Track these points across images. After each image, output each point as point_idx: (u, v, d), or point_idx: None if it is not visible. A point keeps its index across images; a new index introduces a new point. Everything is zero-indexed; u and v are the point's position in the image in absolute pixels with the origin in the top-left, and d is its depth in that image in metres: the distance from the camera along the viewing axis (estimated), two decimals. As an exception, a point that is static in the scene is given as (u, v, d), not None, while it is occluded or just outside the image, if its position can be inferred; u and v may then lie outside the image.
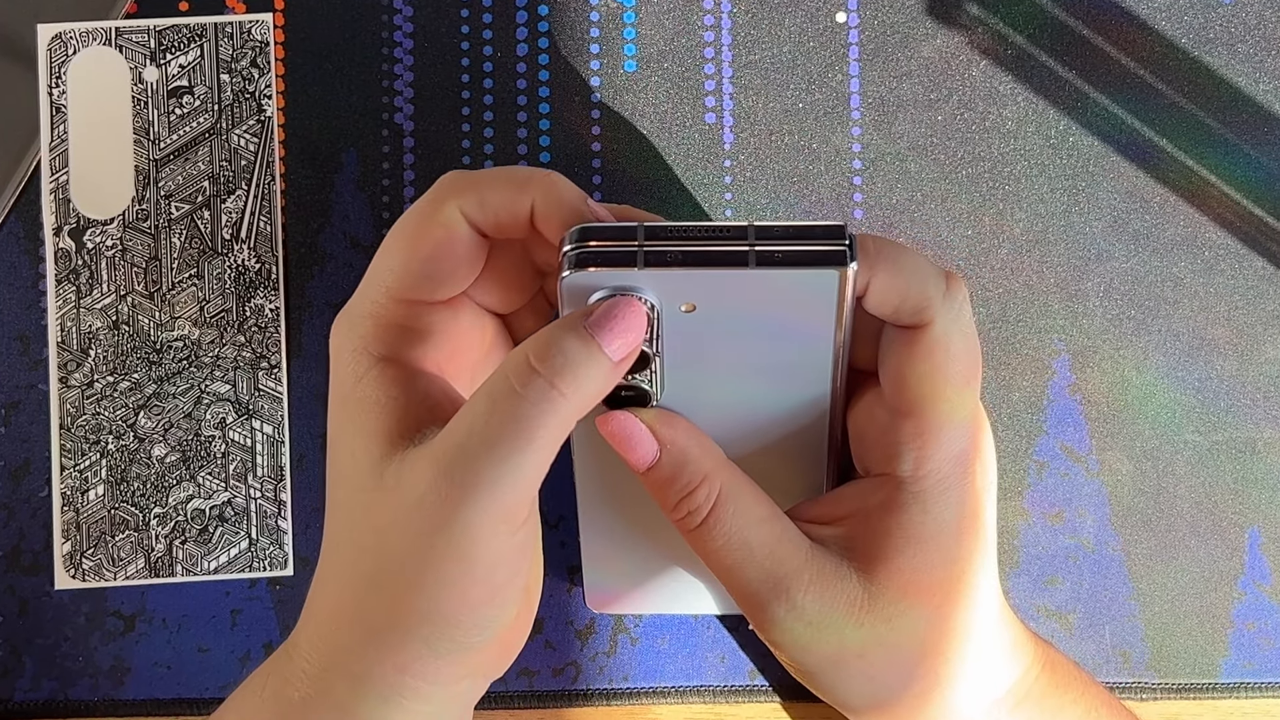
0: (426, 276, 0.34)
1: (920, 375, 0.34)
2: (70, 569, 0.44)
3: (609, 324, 0.31)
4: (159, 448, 0.44)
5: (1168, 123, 0.45)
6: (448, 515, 0.30)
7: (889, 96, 0.45)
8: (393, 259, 0.34)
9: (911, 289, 0.33)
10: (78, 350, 0.45)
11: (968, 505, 0.35)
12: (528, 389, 0.30)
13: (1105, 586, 0.44)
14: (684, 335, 0.34)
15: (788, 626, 0.35)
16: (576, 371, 0.31)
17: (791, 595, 0.35)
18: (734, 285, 0.32)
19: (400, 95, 0.45)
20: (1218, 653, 0.44)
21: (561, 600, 0.44)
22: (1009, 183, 0.45)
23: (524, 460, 0.30)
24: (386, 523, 0.31)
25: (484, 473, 0.30)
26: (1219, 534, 0.44)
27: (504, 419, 0.30)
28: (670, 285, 0.32)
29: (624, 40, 0.45)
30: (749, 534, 0.35)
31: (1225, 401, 0.45)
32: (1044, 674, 0.38)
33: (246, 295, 0.45)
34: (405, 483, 0.31)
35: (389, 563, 0.31)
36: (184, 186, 0.45)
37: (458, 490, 0.30)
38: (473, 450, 0.30)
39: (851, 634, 0.35)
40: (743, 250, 0.31)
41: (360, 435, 0.32)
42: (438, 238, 0.34)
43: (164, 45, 0.45)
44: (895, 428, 0.35)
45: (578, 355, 0.31)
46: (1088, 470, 0.44)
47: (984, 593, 0.36)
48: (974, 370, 0.35)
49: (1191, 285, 0.45)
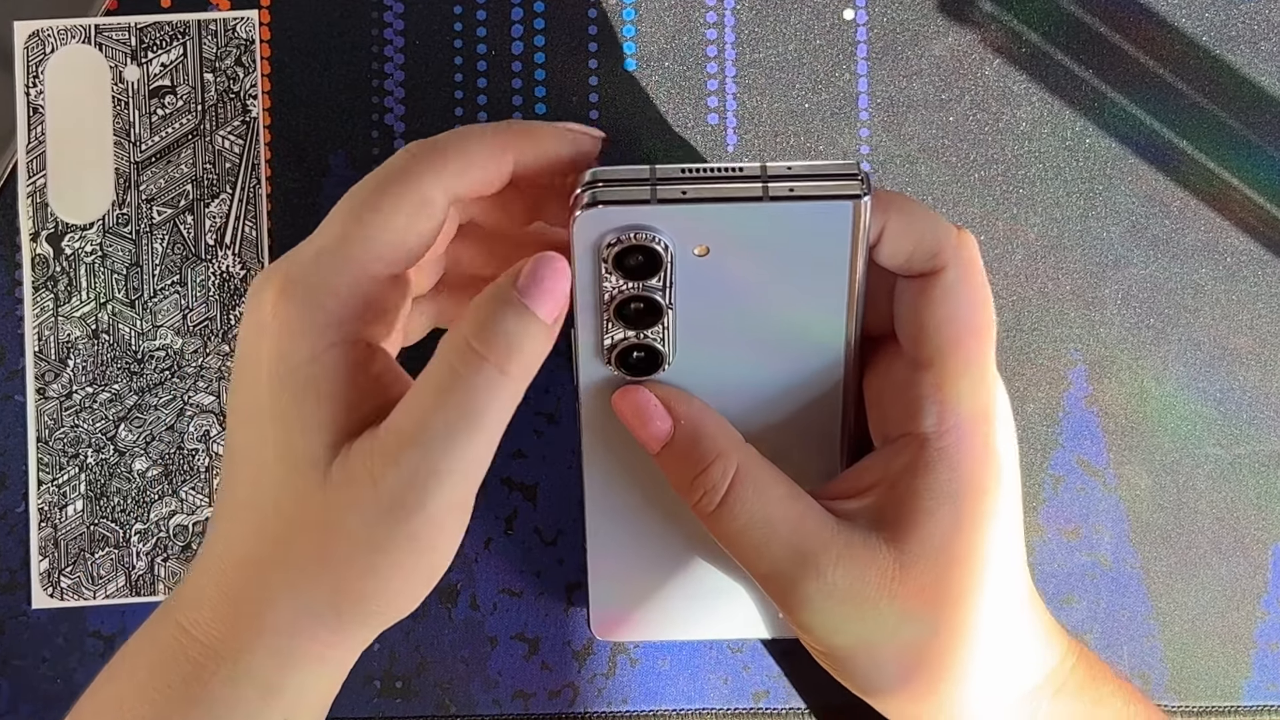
0: (403, 255, 0.33)
1: (938, 321, 0.34)
2: (48, 588, 0.43)
3: (539, 286, 0.31)
4: (140, 461, 0.44)
5: (1188, 124, 0.45)
6: (409, 509, 0.31)
7: (898, 96, 0.45)
8: (367, 231, 0.32)
9: (925, 234, 0.34)
10: (56, 360, 0.44)
11: (992, 463, 0.35)
12: (474, 376, 0.31)
13: (1123, 605, 0.44)
14: (697, 283, 0.34)
15: (819, 605, 0.35)
16: (520, 348, 0.31)
17: (821, 570, 0.34)
18: (748, 222, 0.32)
19: (391, 95, 0.45)
20: (1240, 674, 0.44)
21: (558, 620, 0.44)
22: (1023, 186, 0.44)
23: (477, 445, 0.31)
24: (336, 511, 0.31)
25: (440, 464, 0.30)
26: (1241, 551, 0.44)
27: (453, 409, 0.31)
28: (684, 224, 0.33)
29: (623, 38, 0.45)
30: (771, 511, 0.35)
31: (1248, 414, 0.44)
32: (1080, 663, 0.38)
33: (231, 303, 0.44)
34: (356, 474, 0.31)
35: (337, 548, 0.31)
36: (166, 190, 0.44)
37: (418, 485, 0.30)
38: (426, 443, 0.30)
39: (886, 608, 0.35)
40: (757, 187, 0.32)
41: (307, 422, 0.32)
42: (419, 215, 0.32)
43: (145, 43, 0.44)
44: (915, 382, 0.35)
45: (517, 331, 0.31)
46: (1105, 485, 0.44)
47: (1017, 565, 0.36)
48: (989, 320, 0.35)
49: (1213, 292, 0.44)
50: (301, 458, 0.31)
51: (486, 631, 0.44)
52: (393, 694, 0.43)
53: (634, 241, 0.33)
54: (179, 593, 0.34)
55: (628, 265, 0.33)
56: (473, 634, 0.43)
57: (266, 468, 0.32)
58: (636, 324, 0.34)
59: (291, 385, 0.32)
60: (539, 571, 0.44)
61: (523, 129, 0.34)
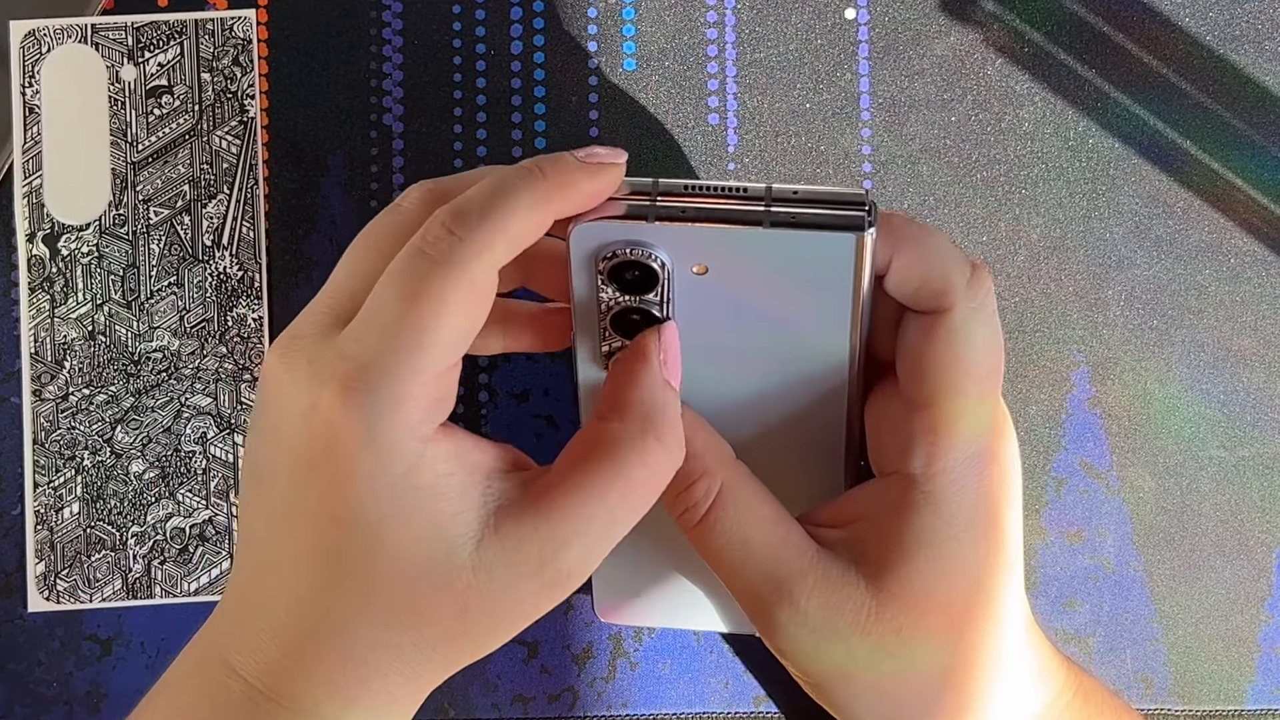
0: (463, 343, 0.31)
1: (938, 364, 0.33)
2: (44, 590, 0.43)
3: (674, 360, 0.33)
4: (137, 464, 0.43)
5: (1192, 124, 0.44)
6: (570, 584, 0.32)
7: (900, 96, 0.44)
8: (424, 335, 0.30)
9: (934, 270, 0.33)
10: (52, 362, 0.43)
11: (983, 510, 0.34)
12: (655, 468, 0.32)
13: (1126, 609, 0.43)
14: (695, 301, 0.33)
15: (791, 633, 0.34)
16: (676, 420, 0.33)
17: (795, 599, 0.34)
18: (747, 246, 0.32)
19: (389, 95, 0.44)
20: (1244, 678, 0.43)
21: (558, 622, 0.43)
22: (1026, 187, 0.44)
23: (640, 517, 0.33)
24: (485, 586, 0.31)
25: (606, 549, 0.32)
26: (1245, 554, 0.44)
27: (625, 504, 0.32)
28: (681, 242, 0.32)
29: (623, 37, 0.45)
30: (750, 533, 0.34)
31: (1252, 415, 0.44)
32: (1075, 700, 0.37)
33: (228, 304, 0.44)
34: (519, 557, 0.31)
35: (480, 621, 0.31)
36: (163, 190, 0.44)
37: (583, 566, 0.31)
38: (598, 533, 0.32)
39: (859, 645, 0.34)
40: (758, 210, 0.31)
41: (438, 524, 0.31)
42: (473, 304, 0.30)
43: (142, 43, 0.44)
44: (909, 421, 0.34)
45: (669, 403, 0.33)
46: (1108, 487, 0.44)
47: (1008, 611, 0.35)
48: (995, 365, 0.34)
49: (1216, 294, 0.44)
50: (438, 552, 0.31)
51: (485, 635, 0.43)
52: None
53: (629, 257, 0.32)
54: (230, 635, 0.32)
55: (624, 279, 0.33)
56: (472, 637, 0.43)
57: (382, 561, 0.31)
58: (633, 335, 0.34)
59: (406, 496, 0.30)
60: (538, 574, 0.43)
61: (558, 182, 0.31)
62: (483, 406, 0.43)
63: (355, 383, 0.29)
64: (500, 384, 0.44)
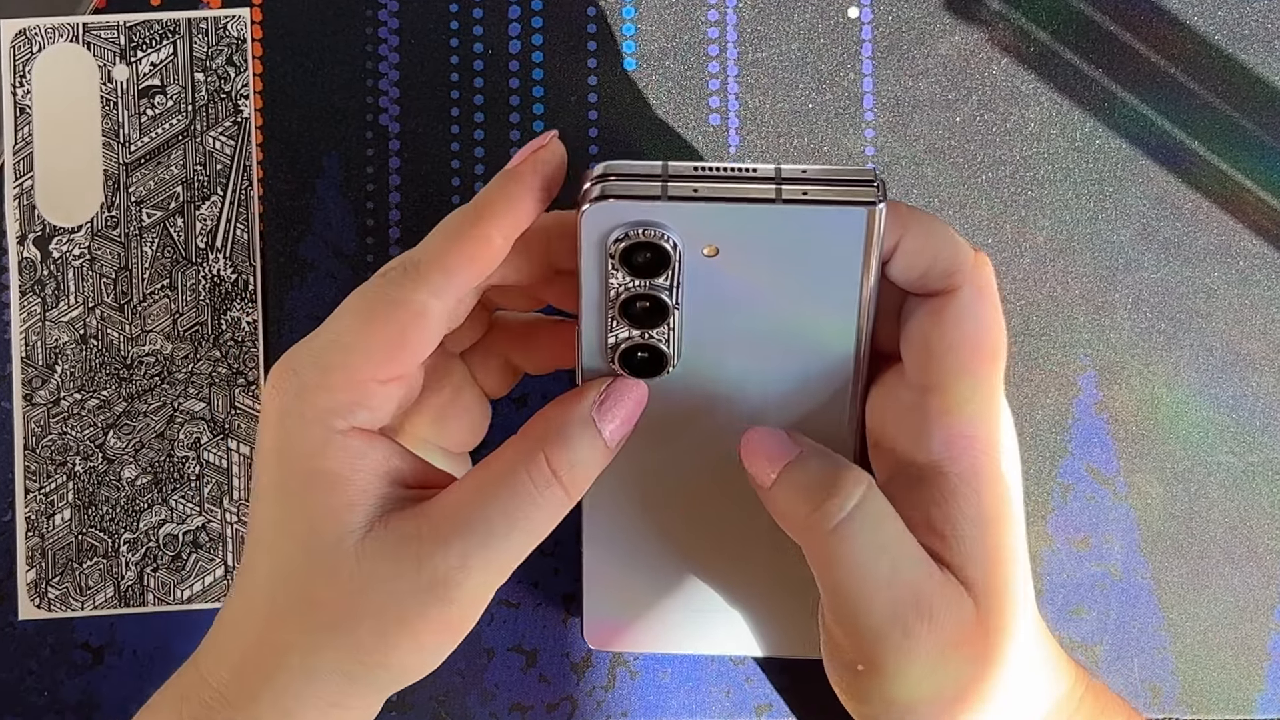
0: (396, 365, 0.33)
1: (949, 344, 0.33)
2: (35, 598, 0.43)
3: (614, 412, 0.34)
4: (129, 469, 0.43)
5: (1200, 124, 0.44)
6: (449, 589, 0.32)
7: (904, 96, 0.44)
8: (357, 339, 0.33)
9: (942, 251, 0.33)
10: (43, 366, 0.43)
11: (1000, 490, 0.34)
12: (543, 489, 0.33)
13: (1134, 617, 0.43)
14: (705, 284, 0.33)
15: (921, 651, 0.33)
16: (587, 473, 0.33)
17: (934, 614, 0.33)
18: (759, 224, 0.32)
19: (385, 95, 0.44)
20: (1253, 687, 0.43)
21: (556, 631, 0.43)
22: (1032, 188, 0.44)
23: (524, 546, 0.33)
24: (367, 582, 0.32)
25: (489, 556, 0.32)
26: (1254, 561, 0.43)
27: (513, 512, 0.32)
28: (693, 222, 0.32)
29: (623, 36, 0.44)
30: (888, 541, 0.33)
31: (1261, 420, 0.44)
32: (1089, 695, 0.37)
33: (222, 307, 0.43)
34: (399, 553, 0.32)
35: (360, 618, 0.32)
36: (156, 192, 0.43)
37: (462, 569, 0.32)
38: (480, 535, 0.32)
39: (953, 655, 0.33)
40: (770, 189, 0.32)
41: (331, 504, 0.33)
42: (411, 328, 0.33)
43: (134, 42, 0.44)
44: (921, 407, 0.34)
45: (587, 457, 0.33)
46: (1115, 493, 0.43)
47: (1025, 594, 0.35)
48: (1001, 345, 0.34)
49: (1225, 297, 0.44)
50: (328, 535, 0.33)
51: (483, 643, 0.43)
52: (388, 707, 0.42)
53: (642, 238, 0.32)
54: (204, 642, 0.35)
55: (635, 262, 0.33)
56: (469, 645, 0.42)
57: (288, 541, 0.33)
58: (642, 323, 0.34)
59: (305, 472, 0.33)
60: (536, 582, 0.43)
61: (483, 200, 0.33)
62: (480, 411, 0.43)
63: (288, 369, 0.33)
64: (498, 388, 0.43)
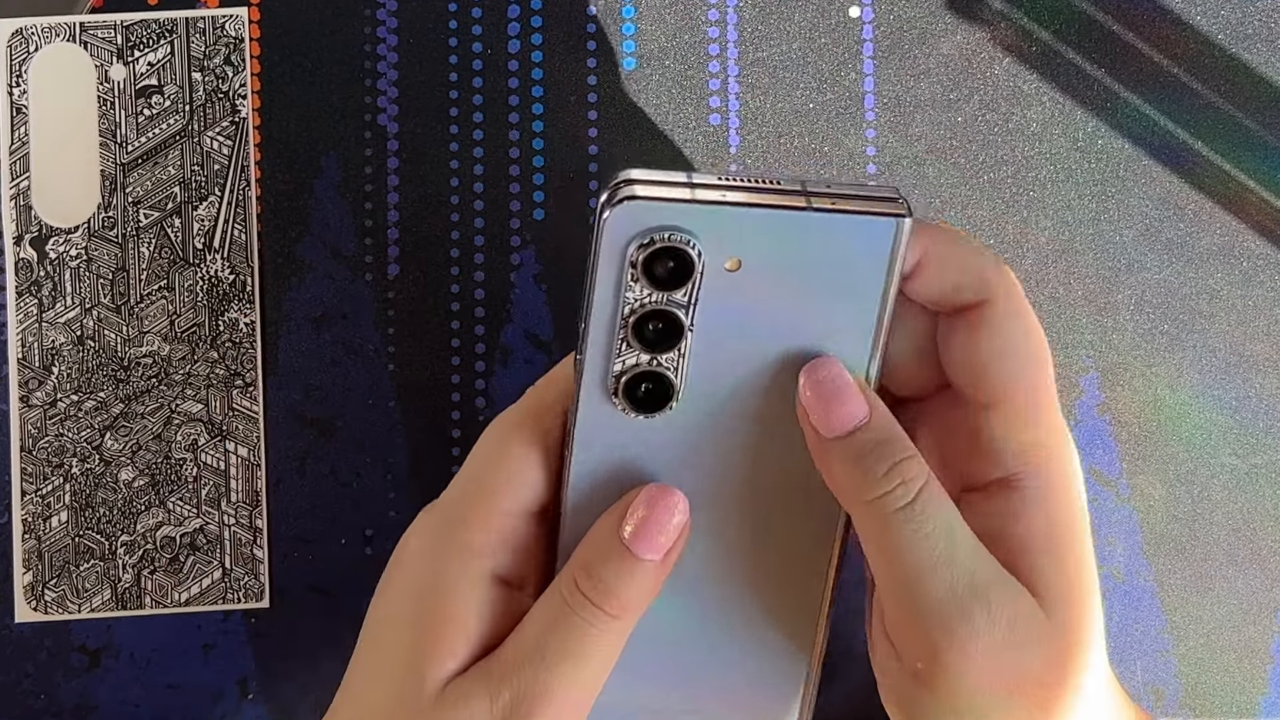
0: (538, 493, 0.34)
1: (995, 355, 0.32)
2: (31, 601, 0.43)
3: (648, 530, 0.33)
4: (126, 471, 0.43)
5: (1203, 124, 0.44)
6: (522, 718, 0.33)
7: (905, 96, 0.44)
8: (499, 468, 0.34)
9: (970, 261, 0.32)
10: (39, 367, 0.43)
11: (1074, 500, 0.33)
12: (583, 611, 0.33)
13: (1136, 619, 0.43)
14: (722, 303, 0.32)
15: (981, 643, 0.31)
16: (627, 595, 0.33)
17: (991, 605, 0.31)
18: (785, 234, 0.31)
19: (384, 95, 0.44)
20: (1256, 690, 0.43)
21: None
22: (1034, 188, 0.44)
23: (587, 672, 0.33)
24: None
25: (554, 685, 0.32)
26: (1258, 563, 0.43)
27: (568, 639, 0.32)
28: (720, 229, 0.31)
29: (623, 36, 0.44)
30: (954, 523, 0.31)
31: (1264, 422, 0.44)
32: None
33: (220, 308, 0.43)
34: (472, 691, 0.33)
35: None
36: (153, 192, 0.43)
37: (531, 698, 0.32)
38: (540, 664, 0.32)
39: (1037, 655, 0.32)
40: (799, 199, 0.31)
41: (436, 643, 0.33)
42: None
43: (132, 41, 0.43)
44: (983, 426, 0.33)
45: (620, 582, 0.33)
46: (1118, 495, 0.43)
47: (1100, 619, 0.33)
48: (1046, 348, 0.33)
49: (1228, 298, 0.44)
50: (423, 671, 0.33)
51: None
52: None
53: (667, 243, 0.31)
54: None
55: (655, 273, 0.32)
56: None
57: (385, 670, 0.34)
58: (654, 346, 0.33)
59: (422, 604, 0.33)
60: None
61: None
62: (480, 412, 0.43)
63: (433, 508, 0.35)
64: (500, 388, 0.43)
